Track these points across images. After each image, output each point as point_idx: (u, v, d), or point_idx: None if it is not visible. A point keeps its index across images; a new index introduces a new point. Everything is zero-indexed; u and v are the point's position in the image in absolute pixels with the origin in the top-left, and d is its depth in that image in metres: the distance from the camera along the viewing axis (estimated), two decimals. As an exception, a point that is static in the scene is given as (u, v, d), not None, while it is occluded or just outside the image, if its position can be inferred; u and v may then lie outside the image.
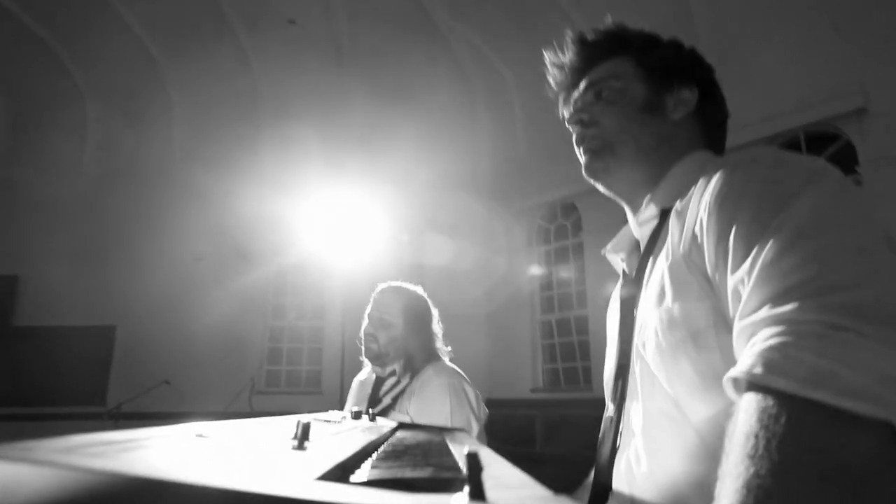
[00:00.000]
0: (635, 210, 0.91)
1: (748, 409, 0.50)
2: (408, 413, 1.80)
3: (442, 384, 1.80)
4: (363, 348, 2.01)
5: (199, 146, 8.19)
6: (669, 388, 0.71)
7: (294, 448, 0.44)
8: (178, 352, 7.05)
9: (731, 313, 0.62)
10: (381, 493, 0.26)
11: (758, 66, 5.70)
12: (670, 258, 0.73)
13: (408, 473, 0.42)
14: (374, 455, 0.55)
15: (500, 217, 7.79)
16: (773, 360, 0.50)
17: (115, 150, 8.06)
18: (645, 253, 0.85)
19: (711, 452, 0.65)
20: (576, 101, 0.95)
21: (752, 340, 0.55)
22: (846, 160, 5.22)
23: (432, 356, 1.97)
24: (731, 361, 0.63)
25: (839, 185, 0.62)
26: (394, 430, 0.98)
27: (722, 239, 0.63)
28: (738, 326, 0.58)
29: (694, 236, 0.69)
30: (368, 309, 2.05)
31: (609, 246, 0.99)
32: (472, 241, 7.75)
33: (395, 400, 1.88)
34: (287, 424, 0.61)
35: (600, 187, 0.94)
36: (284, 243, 7.37)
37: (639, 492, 0.73)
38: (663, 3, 6.24)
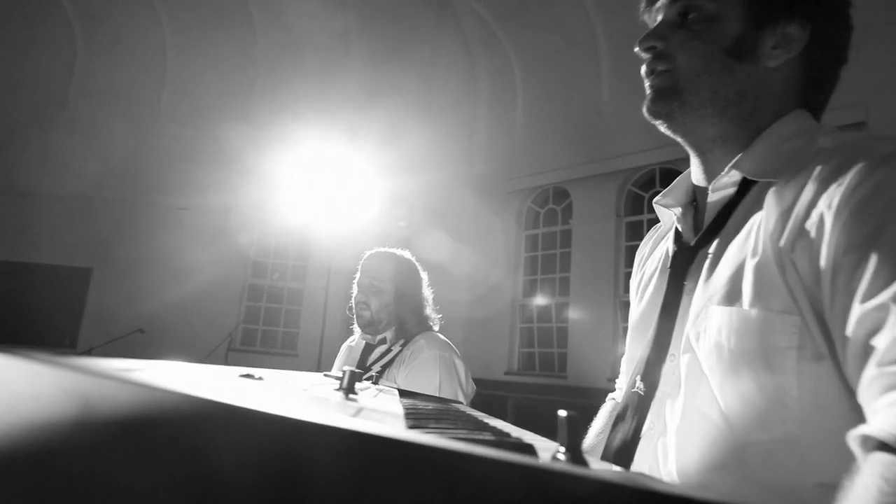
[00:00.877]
0: (708, 167, 0.78)
1: (892, 480, 0.42)
2: (395, 382, 1.79)
3: (433, 356, 1.79)
4: (355, 316, 1.98)
5: (191, 94, 7.98)
6: (720, 396, 0.62)
7: (345, 399, 0.41)
8: (154, 301, 6.95)
9: (848, 342, 0.52)
10: (499, 451, 0.24)
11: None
12: (759, 254, 0.61)
13: (468, 436, 0.39)
14: (411, 416, 0.53)
15: (492, 196, 7.76)
16: None
17: (102, 93, 7.81)
18: (714, 225, 0.72)
19: (753, 480, 0.60)
20: (657, 14, 0.76)
21: None
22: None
23: (424, 323, 1.95)
24: (811, 394, 0.57)
25: None
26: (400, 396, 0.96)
27: (854, 249, 0.52)
28: (875, 370, 0.48)
29: (803, 232, 0.58)
30: (357, 277, 2.02)
31: (660, 196, 0.84)
32: (462, 217, 7.73)
33: (384, 368, 1.86)
34: (313, 376, 0.59)
35: (662, 128, 0.78)
36: (271, 202, 7.27)
37: None
38: None
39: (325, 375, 0.85)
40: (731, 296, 0.63)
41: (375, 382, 1.82)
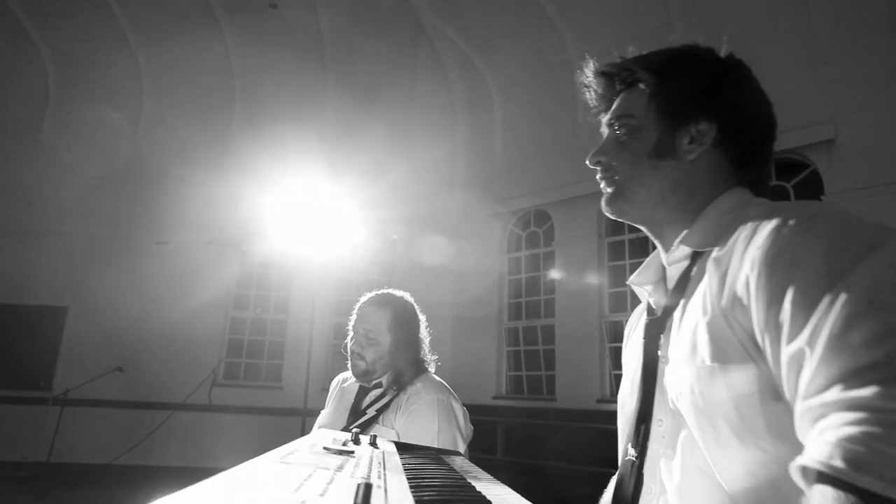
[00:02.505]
0: (665, 245, 0.88)
1: None
2: (393, 427, 1.74)
3: (431, 400, 1.75)
4: (349, 364, 1.92)
5: (168, 127, 7.91)
6: (706, 451, 0.68)
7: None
8: (133, 338, 6.79)
9: (784, 385, 0.58)
10: None
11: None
12: (709, 313, 0.68)
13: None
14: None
15: (474, 222, 7.78)
16: (857, 453, 0.44)
17: (75, 127, 7.70)
18: (674, 294, 0.81)
19: None
20: (605, 128, 0.94)
21: (821, 425, 0.50)
22: (813, 189, 5.40)
23: (420, 369, 1.90)
24: (779, 433, 0.61)
25: None
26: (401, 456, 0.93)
27: (774, 302, 0.59)
28: (801, 406, 0.53)
29: (737, 294, 0.65)
30: (353, 321, 1.95)
31: (633, 276, 0.94)
32: (444, 242, 7.72)
33: (379, 412, 1.82)
34: (316, 462, 0.56)
35: (623, 220, 0.93)
36: (252, 234, 7.19)
37: None
38: (645, 22, 6.34)
39: (325, 449, 0.81)
40: (694, 355, 0.70)
41: (368, 426, 1.78)
